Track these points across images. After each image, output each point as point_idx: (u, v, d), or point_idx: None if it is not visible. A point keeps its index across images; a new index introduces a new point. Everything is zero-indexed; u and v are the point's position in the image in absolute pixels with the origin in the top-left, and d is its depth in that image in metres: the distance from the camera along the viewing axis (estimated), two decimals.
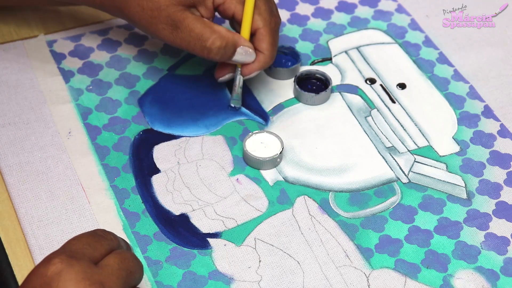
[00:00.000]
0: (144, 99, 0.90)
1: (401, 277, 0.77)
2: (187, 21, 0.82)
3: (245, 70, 0.86)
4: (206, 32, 0.82)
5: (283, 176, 0.84)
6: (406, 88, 0.93)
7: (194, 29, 0.82)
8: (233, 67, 0.87)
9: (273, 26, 0.85)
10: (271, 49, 0.85)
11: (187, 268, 0.77)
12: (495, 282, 0.77)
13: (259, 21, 0.85)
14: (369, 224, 0.81)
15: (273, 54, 0.86)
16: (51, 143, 0.86)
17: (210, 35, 0.82)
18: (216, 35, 0.82)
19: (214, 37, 0.82)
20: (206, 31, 0.82)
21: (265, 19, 0.85)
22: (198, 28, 0.82)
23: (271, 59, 0.86)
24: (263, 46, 0.85)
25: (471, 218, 0.81)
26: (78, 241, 0.65)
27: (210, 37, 0.82)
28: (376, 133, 0.88)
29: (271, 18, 0.85)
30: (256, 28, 0.85)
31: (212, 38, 0.82)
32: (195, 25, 0.82)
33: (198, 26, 0.82)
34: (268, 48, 0.85)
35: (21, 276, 0.76)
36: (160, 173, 0.84)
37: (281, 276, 0.77)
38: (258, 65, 0.86)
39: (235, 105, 0.88)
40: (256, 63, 0.85)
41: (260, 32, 0.85)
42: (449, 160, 0.86)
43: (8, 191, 0.82)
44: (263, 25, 0.85)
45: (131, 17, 0.84)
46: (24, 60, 0.93)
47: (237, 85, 0.87)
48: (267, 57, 0.85)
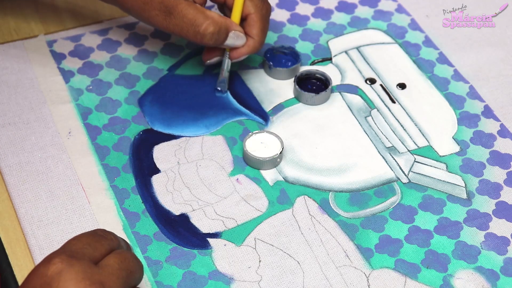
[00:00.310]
0: (144, 99, 0.90)
1: (401, 277, 0.77)
2: (180, 7, 0.83)
3: (234, 53, 0.87)
4: (199, 18, 0.83)
5: (283, 176, 0.84)
6: (406, 88, 0.93)
7: (187, 15, 0.83)
8: (221, 51, 0.88)
9: (264, 13, 0.87)
10: (261, 34, 0.87)
11: (187, 268, 0.77)
12: (495, 282, 0.77)
13: (250, 6, 0.86)
14: (369, 224, 0.81)
15: (262, 40, 0.87)
16: (51, 143, 0.86)
17: (203, 20, 0.83)
18: (209, 21, 0.83)
19: (208, 23, 0.83)
20: (199, 16, 0.83)
21: (256, 5, 0.86)
22: (191, 13, 0.83)
23: (260, 45, 0.87)
24: (253, 32, 0.86)
25: (471, 218, 0.81)
26: (78, 241, 0.65)
27: (203, 22, 0.83)
28: (376, 133, 0.88)
29: (263, 5, 0.87)
30: (247, 14, 0.86)
31: (206, 24, 0.83)
32: (188, 10, 0.83)
33: (191, 11, 0.83)
34: (258, 33, 0.86)
35: (21, 276, 0.76)
36: (160, 173, 0.84)
37: (281, 276, 0.77)
38: (247, 50, 0.87)
39: (222, 88, 0.89)
40: (246, 48, 0.87)
41: (251, 17, 0.86)
42: (449, 160, 0.86)
43: (8, 191, 0.82)
44: (254, 11, 0.86)
45: (124, 4, 0.85)
46: (24, 60, 0.93)
47: (225, 68, 0.88)
48: (256, 42, 0.87)
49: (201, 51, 0.92)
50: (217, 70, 0.93)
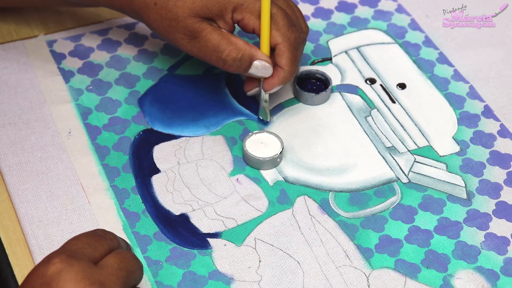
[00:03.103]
0: (144, 99, 0.90)
1: (401, 277, 0.77)
2: (204, 32, 0.82)
3: (266, 85, 0.86)
4: (223, 44, 0.82)
5: (283, 176, 0.84)
6: (406, 88, 0.93)
7: (210, 40, 0.82)
8: (258, 81, 0.87)
9: (292, 42, 0.84)
10: (291, 64, 0.84)
11: (187, 268, 0.77)
12: (495, 282, 0.77)
13: (277, 36, 0.84)
14: (369, 224, 0.81)
15: (293, 69, 0.85)
16: (51, 143, 0.86)
17: (226, 46, 0.82)
18: (232, 47, 0.82)
19: (230, 49, 0.82)
20: (223, 42, 0.82)
21: (283, 34, 0.84)
22: (215, 39, 0.82)
23: (291, 75, 0.85)
24: (282, 62, 0.84)
25: (471, 218, 0.81)
26: (78, 241, 0.65)
27: (226, 48, 0.82)
28: (376, 133, 0.88)
29: (290, 34, 0.84)
30: (276, 44, 0.84)
31: (228, 50, 0.82)
32: (212, 36, 0.82)
33: (215, 37, 0.82)
34: (287, 63, 0.84)
35: (21, 276, 0.76)
36: (160, 173, 0.84)
37: (281, 276, 0.77)
38: (277, 80, 0.85)
39: (263, 118, 0.89)
40: (276, 78, 0.85)
41: (279, 47, 0.84)
42: (449, 160, 0.86)
43: (8, 191, 0.82)
44: (282, 41, 0.84)
45: (150, 24, 0.85)
46: (24, 60, 0.93)
47: (262, 99, 0.87)
48: (286, 73, 0.85)
49: None
50: (217, 70, 0.93)
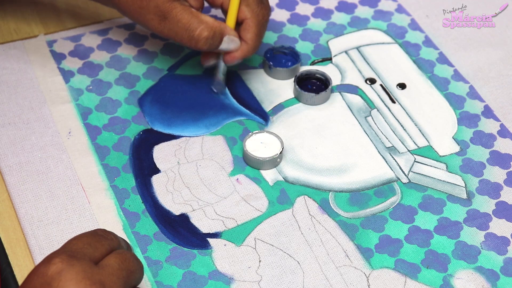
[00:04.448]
0: (144, 99, 0.90)
1: (401, 277, 0.77)
2: (174, 11, 0.83)
3: (228, 58, 0.87)
4: (194, 22, 0.83)
5: (283, 176, 0.84)
6: (406, 88, 0.93)
7: (181, 20, 0.83)
8: (217, 54, 0.88)
9: (260, 18, 0.86)
10: (255, 39, 0.86)
11: (187, 268, 0.77)
12: (495, 282, 0.77)
13: (246, 12, 0.86)
14: (369, 224, 0.81)
15: (256, 45, 0.87)
16: (51, 143, 0.86)
17: (198, 25, 0.83)
18: (203, 25, 0.83)
19: (202, 27, 0.83)
20: (194, 21, 0.83)
21: (252, 10, 0.86)
22: (185, 18, 0.83)
23: (254, 49, 0.87)
24: (248, 36, 0.86)
25: (471, 218, 0.81)
26: (78, 241, 0.65)
27: (197, 27, 0.83)
28: (376, 133, 0.88)
29: (260, 10, 0.86)
30: (244, 18, 0.86)
31: (200, 29, 0.83)
32: (183, 15, 0.83)
33: (186, 16, 0.83)
34: (252, 38, 0.86)
35: (21, 276, 0.76)
36: (160, 173, 0.84)
37: (281, 276, 0.77)
38: (240, 54, 0.87)
39: (217, 90, 0.90)
40: (239, 52, 0.87)
41: (247, 22, 0.86)
42: (449, 160, 0.86)
43: (8, 191, 0.82)
44: (251, 16, 0.86)
45: (120, 7, 0.86)
46: (24, 60, 0.93)
47: (220, 71, 0.88)
48: (250, 47, 0.87)
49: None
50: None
